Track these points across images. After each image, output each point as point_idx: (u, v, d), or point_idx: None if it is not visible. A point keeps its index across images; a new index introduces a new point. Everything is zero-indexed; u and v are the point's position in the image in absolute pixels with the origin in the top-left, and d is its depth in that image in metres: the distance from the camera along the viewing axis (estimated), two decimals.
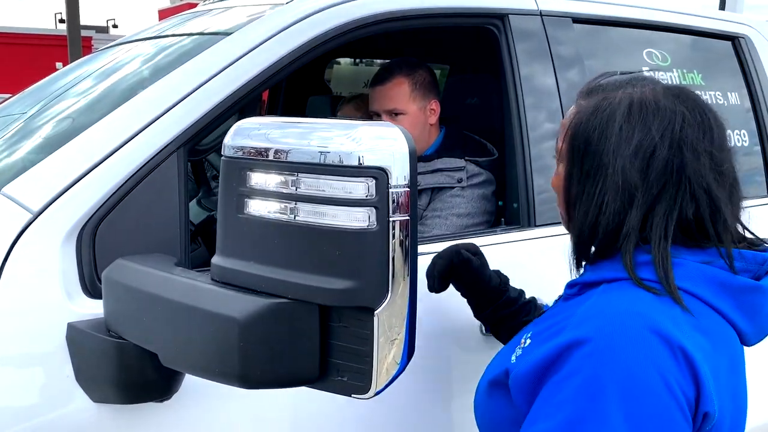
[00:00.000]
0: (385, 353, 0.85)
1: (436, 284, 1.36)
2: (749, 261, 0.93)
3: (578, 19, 1.96)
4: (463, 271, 1.36)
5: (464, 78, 2.31)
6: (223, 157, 0.95)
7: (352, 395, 0.88)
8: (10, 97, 2.10)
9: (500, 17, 1.82)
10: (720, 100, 2.25)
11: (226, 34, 1.53)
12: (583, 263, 1.05)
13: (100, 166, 1.25)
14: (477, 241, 1.70)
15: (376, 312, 0.83)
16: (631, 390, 0.80)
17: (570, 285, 1.05)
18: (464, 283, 1.39)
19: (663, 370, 0.81)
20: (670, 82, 1.03)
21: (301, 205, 0.86)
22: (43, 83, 2.07)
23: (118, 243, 1.23)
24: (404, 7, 1.67)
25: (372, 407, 1.47)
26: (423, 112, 1.95)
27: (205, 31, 1.72)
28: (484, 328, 1.58)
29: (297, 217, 0.86)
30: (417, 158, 1.88)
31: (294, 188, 0.86)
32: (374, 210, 0.83)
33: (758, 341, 0.96)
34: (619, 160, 0.92)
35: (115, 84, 1.61)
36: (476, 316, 1.43)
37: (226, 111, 1.39)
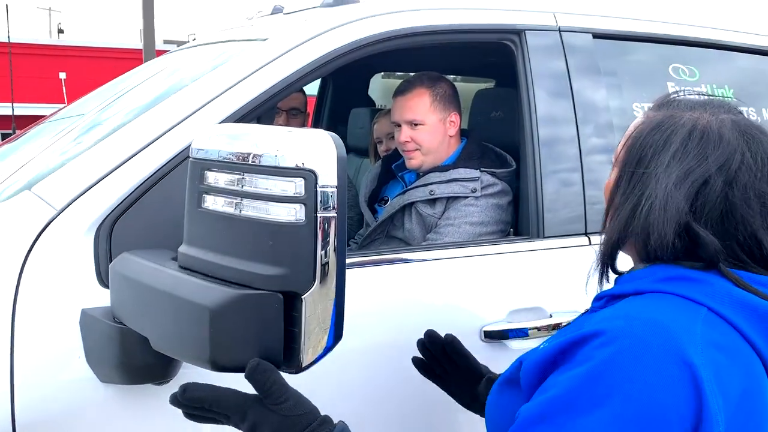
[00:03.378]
0: (312, 334, 0.95)
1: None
2: None
3: (599, 35, 1.98)
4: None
5: (489, 92, 2.36)
6: (189, 158, 1.07)
7: (282, 368, 0.98)
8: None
9: (517, 33, 1.86)
10: (753, 115, 2.20)
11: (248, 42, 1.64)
12: (612, 276, 1.06)
13: (119, 169, 1.38)
14: (485, 249, 1.75)
15: (303, 297, 0.93)
16: (629, 390, 0.81)
17: (597, 298, 1.06)
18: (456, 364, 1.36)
19: (664, 380, 0.81)
20: (747, 115, 1.02)
21: (245, 201, 0.97)
22: (103, 88, 2.25)
23: (132, 239, 1.35)
24: (422, 24, 1.74)
25: (373, 411, 1.54)
26: (443, 123, 2.01)
27: (235, 40, 1.84)
28: (484, 334, 1.62)
29: (242, 212, 0.97)
30: (434, 168, 1.96)
31: (240, 186, 0.97)
32: (303, 206, 0.93)
33: None
34: (665, 181, 0.93)
35: (144, 92, 1.75)
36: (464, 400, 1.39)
37: (240, 120, 1.49)
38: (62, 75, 16.08)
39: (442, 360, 1.37)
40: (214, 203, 1.01)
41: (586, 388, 0.84)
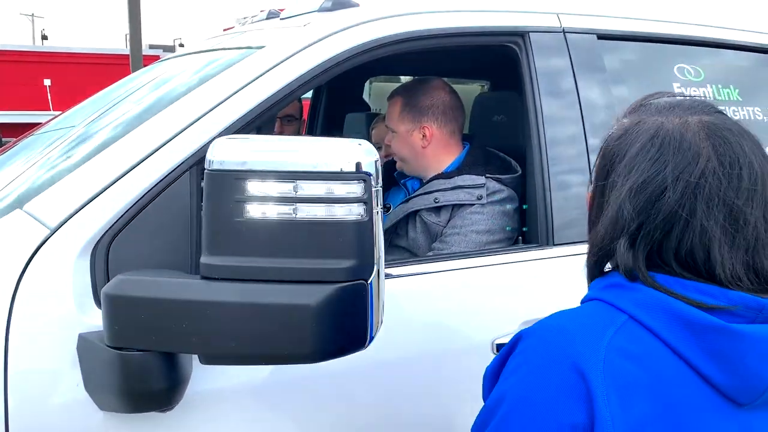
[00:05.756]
0: (377, 313, 1.13)
1: None
2: (750, 306, 0.84)
3: (604, 36, 1.93)
4: None
5: (492, 95, 2.31)
6: (209, 171, 1.07)
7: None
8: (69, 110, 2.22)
9: (521, 35, 1.82)
10: (759, 115, 2.17)
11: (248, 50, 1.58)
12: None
13: (115, 184, 1.31)
14: (495, 259, 1.70)
15: (369, 282, 1.09)
16: (525, 396, 0.85)
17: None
18: None
19: (555, 387, 0.83)
20: (726, 111, 0.97)
21: (300, 206, 1.05)
22: (91, 100, 2.18)
23: (130, 259, 1.29)
24: (425, 27, 1.69)
25: (378, 419, 1.49)
26: (409, 135, 1.96)
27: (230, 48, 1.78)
28: (495, 347, 1.57)
29: (298, 215, 1.06)
30: (438, 175, 1.91)
31: (295, 192, 1.05)
32: (364, 205, 1.07)
33: (753, 399, 0.84)
34: (619, 192, 0.89)
35: (139, 104, 1.68)
36: None
37: (240, 130, 1.43)
38: (47, 82, 15.89)
39: None
40: (260, 212, 1.06)
41: (499, 393, 0.89)
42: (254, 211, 1.06)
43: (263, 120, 1.50)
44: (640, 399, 0.81)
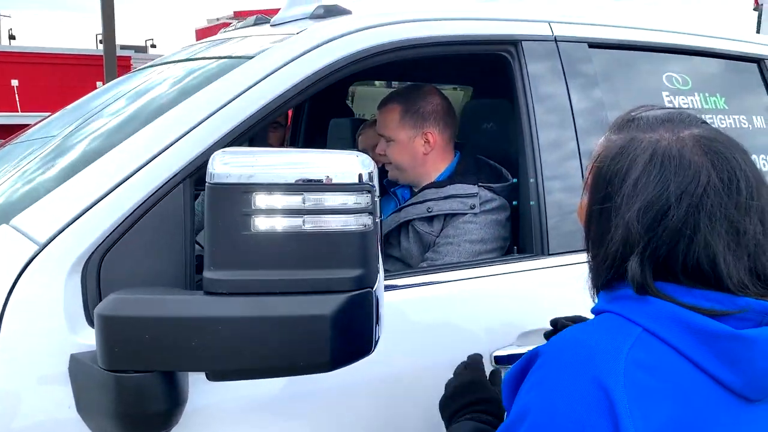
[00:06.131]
0: (381, 319, 1.14)
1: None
2: (756, 310, 0.88)
3: (594, 44, 1.94)
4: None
5: (481, 103, 2.30)
6: (213, 184, 1.05)
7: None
8: (47, 116, 2.15)
9: (513, 43, 1.81)
10: (744, 123, 2.19)
11: (236, 60, 1.55)
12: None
13: (106, 197, 1.27)
14: (491, 269, 1.68)
15: (374, 290, 1.11)
16: (549, 410, 0.86)
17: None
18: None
19: (578, 401, 0.83)
20: (709, 126, 0.98)
21: (308, 218, 1.06)
22: (77, 104, 2.12)
23: (122, 275, 1.25)
24: (418, 35, 1.67)
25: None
26: (412, 141, 1.94)
27: (219, 57, 1.74)
28: (494, 360, 1.56)
29: (305, 228, 1.06)
30: (430, 184, 1.89)
31: (303, 204, 1.05)
32: (370, 215, 1.09)
33: (764, 395, 0.89)
34: (627, 214, 0.90)
35: (127, 113, 1.63)
36: None
37: (233, 141, 1.40)
38: (14, 82, 15.55)
39: None
40: (268, 224, 1.05)
41: (521, 408, 0.89)
42: (262, 223, 1.05)
43: (256, 130, 1.47)
44: (659, 409, 0.83)
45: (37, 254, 1.21)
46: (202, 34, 20.77)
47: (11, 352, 1.15)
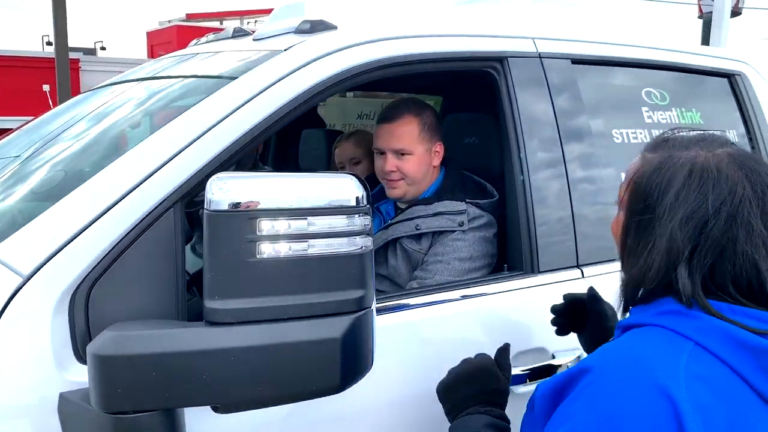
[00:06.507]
0: (376, 337, 1.15)
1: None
2: None
3: (576, 60, 1.95)
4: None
5: (460, 117, 2.29)
6: (212, 211, 1.03)
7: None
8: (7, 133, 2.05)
9: (500, 60, 1.80)
10: None
11: (222, 79, 1.50)
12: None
13: (93, 224, 1.20)
14: (483, 288, 1.67)
15: (372, 308, 1.12)
16: (608, 424, 0.85)
17: (617, 326, 1.07)
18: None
19: (643, 413, 0.84)
20: (738, 146, 1.03)
21: (312, 242, 1.06)
22: (38, 123, 2.02)
23: (112, 306, 1.19)
24: (406, 52, 1.65)
25: None
26: (429, 154, 1.93)
27: (200, 75, 1.68)
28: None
29: (308, 252, 1.06)
30: (416, 201, 1.87)
31: (307, 228, 1.05)
32: (368, 236, 1.11)
33: None
34: (669, 224, 0.94)
35: (109, 132, 1.56)
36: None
37: (224, 164, 1.35)
38: None
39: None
40: (274, 250, 1.04)
41: (576, 423, 0.89)
42: (267, 249, 1.04)
43: (248, 150, 1.42)
44: (718, 422, 0.85)
45: (22, 286, 1.14)
46: (153, 36, 20.34)
47: None
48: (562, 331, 1.55)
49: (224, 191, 1.05)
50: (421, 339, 1.53)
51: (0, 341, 1.10)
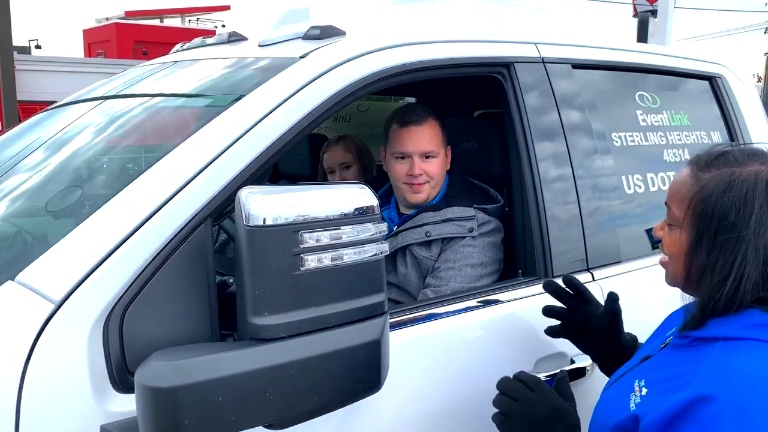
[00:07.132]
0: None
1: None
2: None
3: (577, 65, 1.97)
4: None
5: (461, 122, 2.28)
6: (253, 227, 1.03)
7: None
8: None
9: (506, 65, 1.80)
10: (705, 139, 2.30)
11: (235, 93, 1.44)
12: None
13: (123, 245, 1.14)
14: (502, 295, 1.66)
15: (387, 311, 1.18)
16: None
17: (681, 336, 1.07)
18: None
19: None
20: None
21: (345, 250, 1.10)
22: (31, 124, 1.90)
23: (146, 329, 1.13)
24: (417, 59, 1.63)
25: None
26: (446, 157, 1.94)
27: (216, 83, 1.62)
28: None
29: (344, 260, 1.10)
30: (425, 207, 1.85)
31: (341, 238, 1.10)
32: (384, 242, 1.16)
33: None
34: (761, 236, 0.97)
35: (124, 147, 1.49)
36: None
37: (252, 175, 1.30)
38: None
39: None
40: (317, 262, 1.07)
41: None
42: (312, 261, 1.08)
43: (277, 159, 1.37)
44: None
45: (54, 313, 1.07)
46: (89, 34, 19.61)
47: (35, 427, 1.01)
48: (557, 335, 1.53)
49: (260, 206, 1.05)
50: (446, 348, 1.52)
51: (35, 373, 1.03)
